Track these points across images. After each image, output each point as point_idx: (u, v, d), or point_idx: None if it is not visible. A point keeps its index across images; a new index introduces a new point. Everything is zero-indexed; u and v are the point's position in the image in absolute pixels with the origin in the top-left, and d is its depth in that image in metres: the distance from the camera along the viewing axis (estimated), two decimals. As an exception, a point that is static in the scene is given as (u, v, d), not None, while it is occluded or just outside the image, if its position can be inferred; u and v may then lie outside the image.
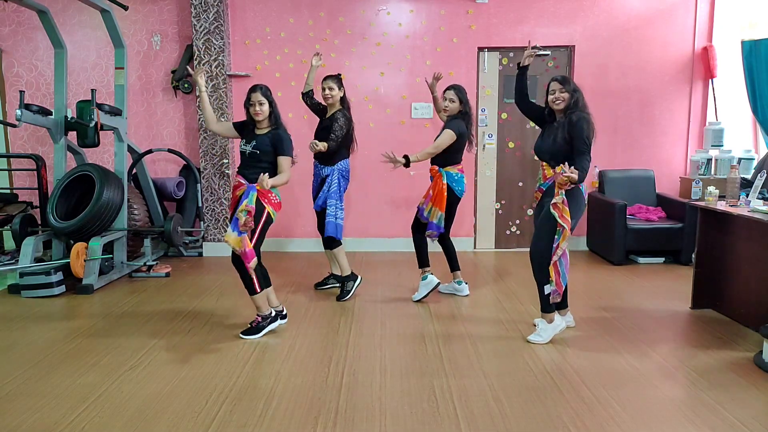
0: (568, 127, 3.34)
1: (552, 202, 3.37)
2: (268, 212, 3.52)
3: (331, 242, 4.37)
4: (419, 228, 4.30)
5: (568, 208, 3.33)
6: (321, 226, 4.44)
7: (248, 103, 3.54)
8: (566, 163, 3.26)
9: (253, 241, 3.45)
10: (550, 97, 3.46)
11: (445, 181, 4.11)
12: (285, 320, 3.82)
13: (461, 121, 4.12)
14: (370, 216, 6.07)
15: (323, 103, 4.39)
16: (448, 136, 4.05)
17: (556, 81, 3.45)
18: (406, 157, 4.05)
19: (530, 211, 5.99)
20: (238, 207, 3.44)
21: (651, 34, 5.83)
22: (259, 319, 3.64)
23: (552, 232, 3.37)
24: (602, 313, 4.04)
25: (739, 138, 5.85)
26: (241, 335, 3.61)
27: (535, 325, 3.58)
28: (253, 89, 3.53)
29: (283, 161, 3.53)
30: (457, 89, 4.13)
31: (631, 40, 5.83)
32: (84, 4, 4.96)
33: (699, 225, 4.06)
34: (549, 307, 3.49)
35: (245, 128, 3.66)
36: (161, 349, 3.42)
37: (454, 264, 4.41)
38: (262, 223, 3.50)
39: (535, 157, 3.90)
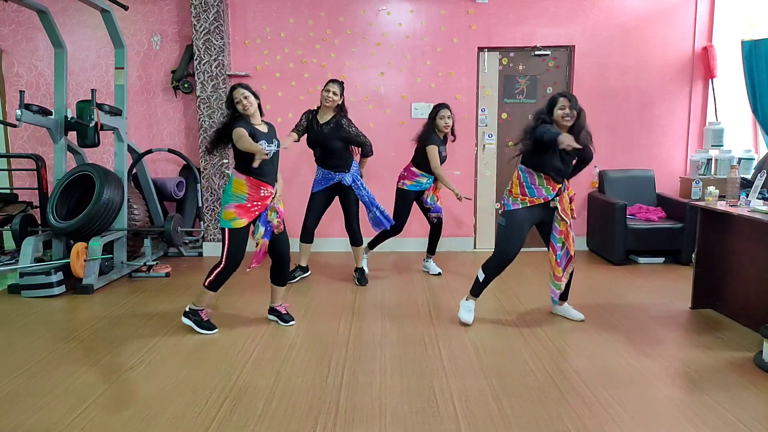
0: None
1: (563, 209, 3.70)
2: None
3: (360, 238, 4.79)
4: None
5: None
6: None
7: (233, 102, 3.42)
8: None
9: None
10: (561, 113, 3.49)
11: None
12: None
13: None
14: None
15: (317, 106, 4.55)
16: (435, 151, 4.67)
17: (565, 97, 3.50)
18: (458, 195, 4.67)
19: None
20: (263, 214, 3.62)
21: (651, 34, 5.83)
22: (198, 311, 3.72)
23: None
24: (602, 313, 4.04)
25: (739, 138, 5.85)
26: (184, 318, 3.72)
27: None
28: (234, 87, 3.42)
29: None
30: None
31: (631, 40, 5.83)
32: (84, 4, 4.96)
33: (699, 225, 4.05)
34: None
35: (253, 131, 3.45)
36: (161, 349, 3.42)
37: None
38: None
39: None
